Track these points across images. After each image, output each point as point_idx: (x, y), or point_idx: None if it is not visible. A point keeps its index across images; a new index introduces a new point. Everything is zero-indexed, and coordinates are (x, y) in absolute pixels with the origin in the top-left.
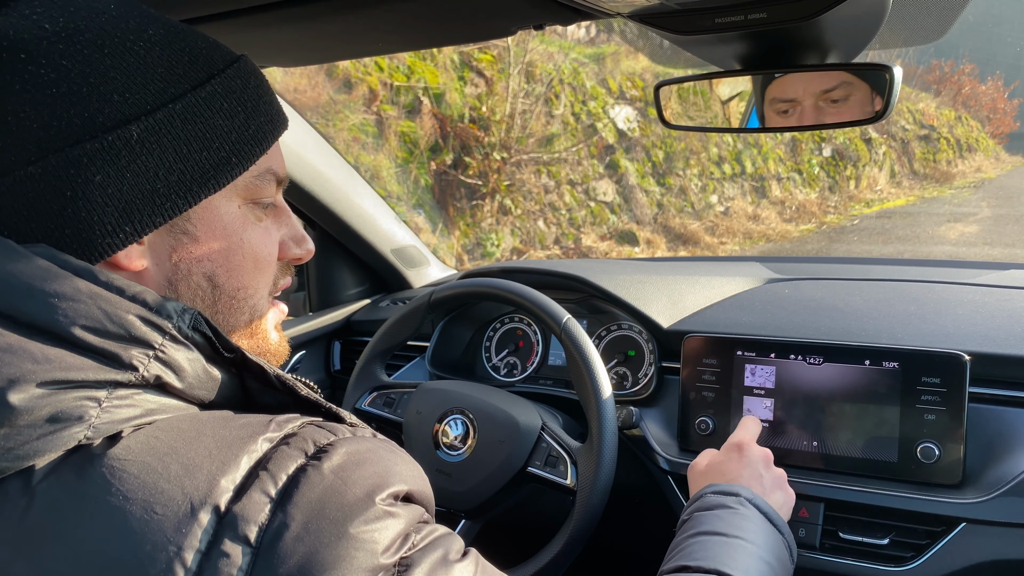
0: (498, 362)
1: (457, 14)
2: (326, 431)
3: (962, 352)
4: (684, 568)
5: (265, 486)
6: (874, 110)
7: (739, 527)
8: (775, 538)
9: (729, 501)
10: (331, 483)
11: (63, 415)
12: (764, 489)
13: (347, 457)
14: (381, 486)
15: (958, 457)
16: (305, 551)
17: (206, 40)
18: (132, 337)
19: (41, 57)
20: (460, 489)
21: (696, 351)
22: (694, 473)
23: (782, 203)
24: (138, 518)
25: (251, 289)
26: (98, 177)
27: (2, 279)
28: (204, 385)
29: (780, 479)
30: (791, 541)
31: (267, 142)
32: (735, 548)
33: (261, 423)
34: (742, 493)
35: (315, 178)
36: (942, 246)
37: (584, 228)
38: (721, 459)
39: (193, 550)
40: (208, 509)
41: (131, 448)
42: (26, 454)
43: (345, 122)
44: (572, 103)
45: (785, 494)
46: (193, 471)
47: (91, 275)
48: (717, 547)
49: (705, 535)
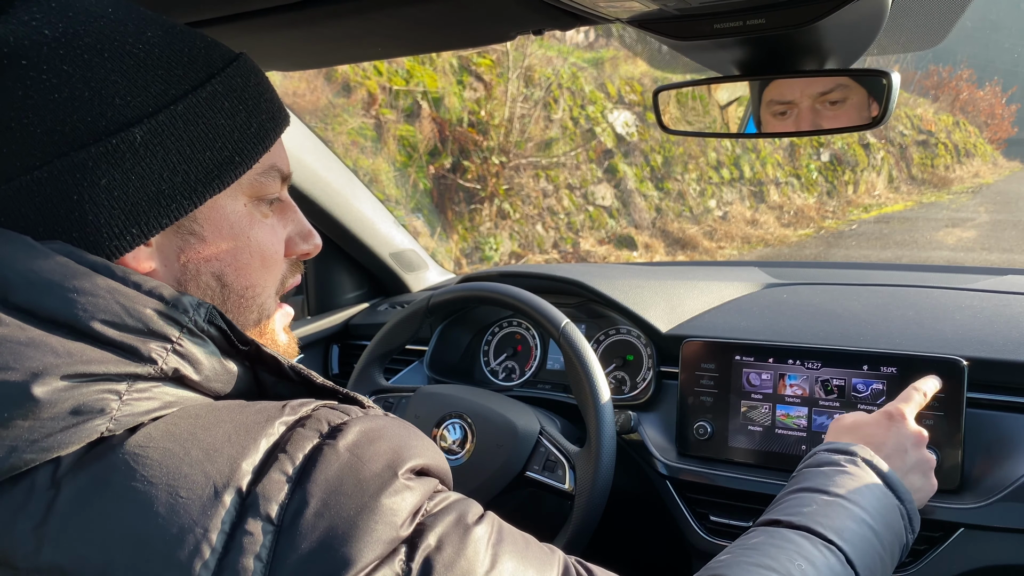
0: (496, 366)
1: (457, 19)
2: (339, 412)
3: (960, 357)
4: (776, 522)
5: (283, 466)
6: (872, 115)
7: (844, 486)
8: (888, 504)
9: (840, 459)
10: (347, 460)
11: (85, 408)
12: (904, 467)
13: (361, 435)
14: (399, 461)
15: (956, 462)
16: (326, 526)
17: (205, 40)
18: (150, 331)
19: (42, 63)
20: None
21: (694, 356)
22: (836, 427)
23: (780, 208)
24: (163, 502)
25: (259, 287)
26: (103, 180)
27: (22, 275)
28: (220, 378)
29: (926, 463)
30: (912, 511)
31: (270, 139)
32: (833, 507)
33: (276, 408)
34: (858, 452)
35: (314, 182)
36: (940, 251)
37: (582, 232)
38: (868, 421)
39: (218, 531)
40: (231, 491)
41: (152, 436)
42: (50, 446)
43: (344, 126)
44: (571, 107)
45: (926, 480)
46: (214, 455)
47: (108, 271)
48: (814, 504)
49: (806, 491)
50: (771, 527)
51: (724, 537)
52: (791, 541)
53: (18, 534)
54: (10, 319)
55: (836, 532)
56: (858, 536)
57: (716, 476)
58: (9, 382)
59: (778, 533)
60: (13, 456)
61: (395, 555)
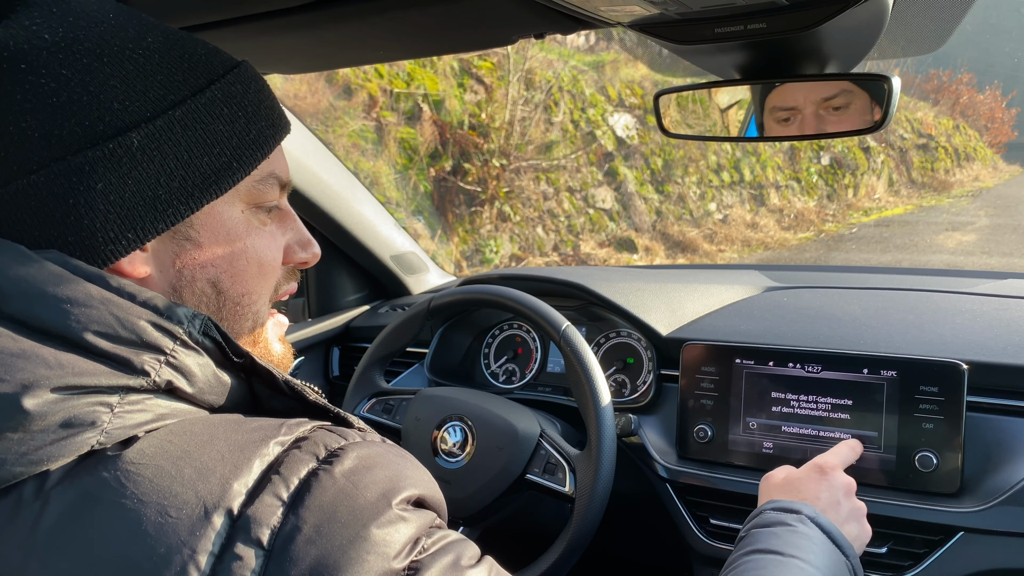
0: (497, 369)
1: (458, 23)
2: (336, 435)
3: (960, 361)
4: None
5: (277, 490)
6: (873, 119)
7: (797, 546)
8: (837, 560)
9: (789, 518)
10: (343, 487)
11: (76, 420)
12: (840, 518)
13: (358, 461)
14: (394, 490)
15: (956, 466)
16: (317, 554)
17: (205, 46)
18: (143, 342)
19: (41, 67)
20: (458, 496)
21: (695, 359)
22: (767, 485)
23: (780, 211)
24: (152, 521)
25: (255, 295)
26: (100, 184)
27: (14, 284)
28: (214, 390)
29: (859, 512)
30: (856, 565)
31: (269, 146)
32: (789, 568)
33: (272, 427)
34: (803, 510)
35: (315, 184)
36: (940, 255)
37: (583, 235)
38: (799, 476)
39: (207, 553)
40: (221, 512)
41: (144, 452)
42: (40, 459)
43: (345, 128)
44: (571, 110)
45: (860, 528)
46: (206, 475)
47: (102, 280)
48: (771, 566)
49: (759, 553)
50: None
51: (724, 540)
52: None
53: (5, 548)
54: (3, 329)
55: None
56: None
57: (716, 479)
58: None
59: None
60: (2, 469)
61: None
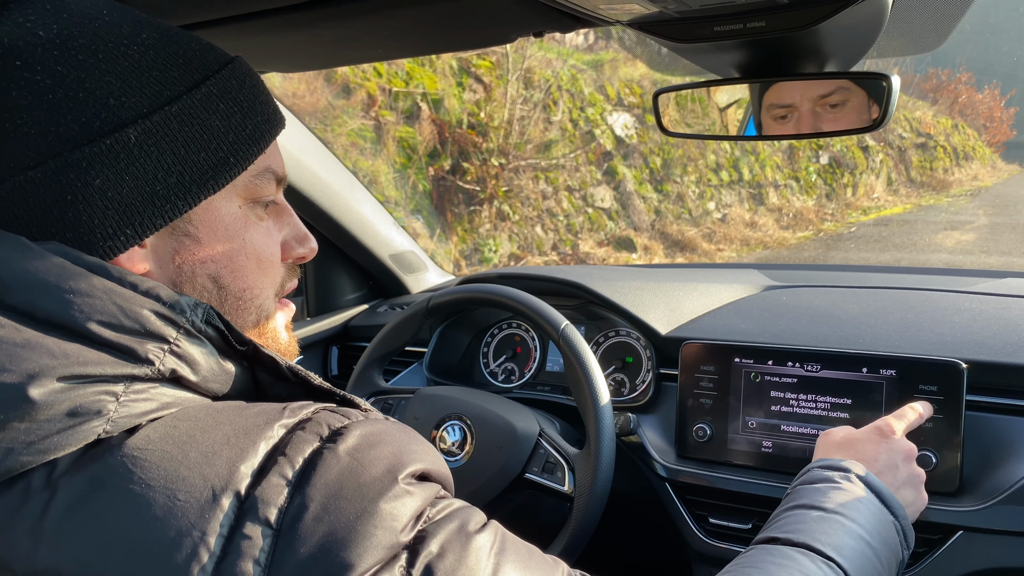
0: (496, 368)
1: (457, 21)
2: (339, 415)
3: (959, 360)
4: (774, 540)
5: (283, 470)
6: (872, 118)
7: (840, 502)
8: (884, 520)
9: (836, 476)
10: (347, 464)
11: (82, 409)
12: (896, 482)
13: (361, 439)
14: (399, 465)
15: (955, 465)
16: (325, 531)
17: (200, 42)
18: (147, 332)
19: (36, 64)
20: (457, 495)
21: (694, 358)
22: (824, 442)
23: (779, 210)
24: (161, 505)
25: (256, 290)
26: (97, 181)
27: (18, 275)
28: (218, 378)
29: (916, 478)
30: (906, 526)
31: (265, 141)
32: (830, 523)
33: (275, 410)
34: (852, 469)
35: (313, 183)
36: (939, 254)
37: (582, 234)
38: (859, 437)
39: (216, 534)
40: (229, 494)
41: (150, 438)
42: (47, 448)
43: (343, 127)
44: (570, 109)
45: (917, 495)
46: (212, 458)
47: (105, 271)
48: (811, 521)
49: (802, 508)
50: (769, 544)
51: (723, 539)
52: (790, 558)
53: (15, 537)
54: (6, 320)
55: (835, 549)
56: (856, 553)
57: (715, 478)
58: (5, 384)
59: (777, 551)
60: (9, 458)
61: (395, 561)
